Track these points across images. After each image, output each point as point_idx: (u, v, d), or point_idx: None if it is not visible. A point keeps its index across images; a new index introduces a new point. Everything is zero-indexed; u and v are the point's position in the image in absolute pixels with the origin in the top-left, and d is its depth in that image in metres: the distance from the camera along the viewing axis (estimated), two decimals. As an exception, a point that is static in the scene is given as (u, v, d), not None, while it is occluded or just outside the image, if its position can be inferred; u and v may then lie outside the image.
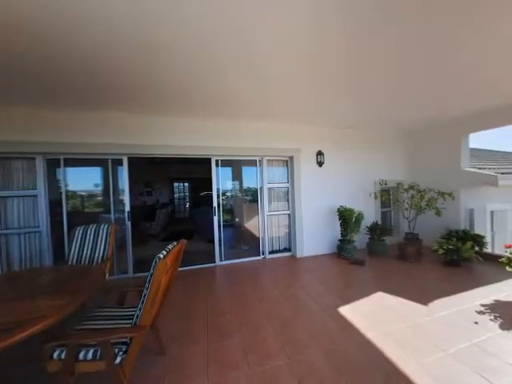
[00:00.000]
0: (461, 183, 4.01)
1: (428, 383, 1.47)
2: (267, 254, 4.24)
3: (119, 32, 1.62)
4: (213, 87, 2.56)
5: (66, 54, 1.85)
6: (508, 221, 4.95)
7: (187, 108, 3.18)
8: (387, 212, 5.07)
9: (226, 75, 2.31)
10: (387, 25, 1.64)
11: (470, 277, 3.13)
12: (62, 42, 1.70)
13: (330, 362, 1.68)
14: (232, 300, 2.68)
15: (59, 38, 1.65)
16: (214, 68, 2.16)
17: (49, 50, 1.79)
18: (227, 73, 2.26)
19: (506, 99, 3.14)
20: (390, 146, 4.92)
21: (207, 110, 3.31)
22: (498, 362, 1.62)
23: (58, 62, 1.95)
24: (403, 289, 2.80)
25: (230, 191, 6.51)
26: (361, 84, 2.60)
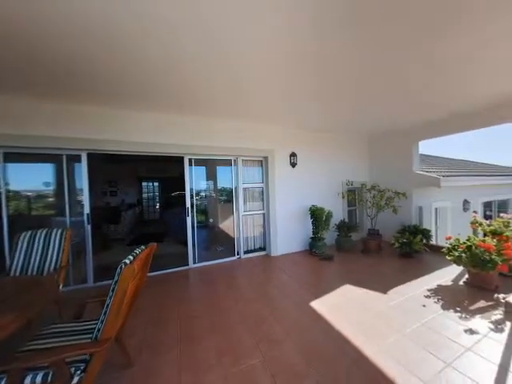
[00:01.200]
0: (412, 184, 4.57)
1: (387, 362, 1.64)
2: (242, 254, 4.24)
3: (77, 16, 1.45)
4: (185, 83, 2.46)
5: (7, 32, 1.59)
6: (448, 216, 5.81)
7: (156, 103, 2.99)
8: (353, 210, 5.51)
9: (199, 73, 2.24)
10: (354, 42, 1.79)
11: (420, 266, 3.58)
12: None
13: (302, 355, 1.75)
14: (206, 303, 2.61)
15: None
16: (187, 63, 2.08)
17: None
18: (200, 71, 2.20)
19: (448, 113, 3.69)
20: (356, 149, 5.36)
21: (179, 107, 3.17)
22: (440, 337, 1.90)
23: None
24: (366, 280, 3.07)
25: (205, 191, 6.33)
26: (328, 91, 2.78)
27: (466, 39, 1.83)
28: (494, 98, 3.11)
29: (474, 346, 1.78)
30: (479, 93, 2.94)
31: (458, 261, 2.86)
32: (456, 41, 1.85)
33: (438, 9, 1.51)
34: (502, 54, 2.07)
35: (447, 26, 1.68)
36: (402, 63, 2.18)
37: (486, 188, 6.67)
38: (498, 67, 2.30)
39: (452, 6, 1.49)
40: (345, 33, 1.73)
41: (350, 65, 2.19)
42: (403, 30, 1.72)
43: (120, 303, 1.23)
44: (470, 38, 1.81)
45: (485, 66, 2.28)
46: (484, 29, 1.71)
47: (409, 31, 1.73)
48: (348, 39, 1.81)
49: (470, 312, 2.25)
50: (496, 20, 1.63)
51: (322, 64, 2.17)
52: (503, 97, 3.05)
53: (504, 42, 1.88)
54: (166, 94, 2.75)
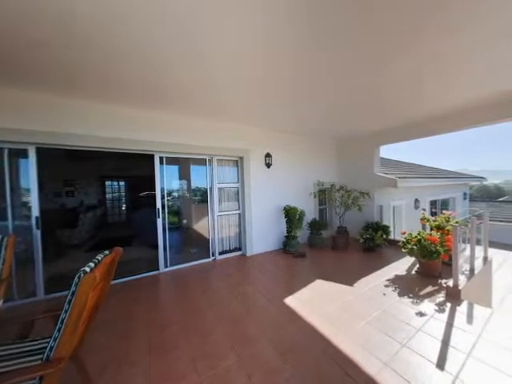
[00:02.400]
0: (374, 185, 5.04)
1: (352, 348, 1.78)
2: (217, 255, 4.17)
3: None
4: (154, 76, 2.32)
5: None
6: (403, 214, 6.55)
7: (122, 94, 2.75)
8: (323, 209, 5.84)
9: (171, 67, 2.14)
10: (320, 50, 1.91)
11: (380, 259, 3.97)
12: None
13: (277, 351, 1.80)
14: (179, 308, 2.50)
15: None
16: (158, 56, 1.96)
17: None
18: (173, 65, 2.10)
19: (405, 121, 4.16)
20: (326, 152, 5.70)
21: (149, 101, 2.97)
22: (397, 321, 2.13)
23: None
24: (335, 274, 3.29)
25: (177, 191, 6.05)
26: (298, 95, 2.91)
27: (417, 56, 2.09)
28: (438, 111, 3.61)
29: (423, 326, 2.04)
30: (427, 106, 3.39)
31: (411, 252, 3.25)
32: (409, 56, 2.10)
33: (392, 30, 1.70)
34: (449, 69, 2.41)
35: (401, 46, 1.90)
36: (364, 77, 2.39)
37: (433, 188, 7.71)
38: (444, 83, 2.68)
39: (407, 27, 1.69)
40: (317, 42, 1.84)
41: (319, 71, 2.32)
42: (370, 49, 1.89)
43: (78, 317, 1.10)
44: (421, 54, 2.08)
45: (433, 82, 2.63)
46: (432, 47, 1.98)
47: (373, 48, 1.90)
48: (320, 49, 1.92)
49: (420, 297, 2.57)
50: (445, 39, 1.89)
51: (295, 67, 2.26)
52: (445, 111, 3.56)
53: (451, 58, 2.20)
54: (132, 86, 2.55)
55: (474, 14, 1.57)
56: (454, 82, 2.66)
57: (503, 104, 3.15)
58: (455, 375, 1.51)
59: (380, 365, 1.62)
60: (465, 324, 2.05)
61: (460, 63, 2.21)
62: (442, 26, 1.69)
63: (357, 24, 1.64)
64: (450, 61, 2.16)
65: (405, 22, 1.63)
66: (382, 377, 1.52)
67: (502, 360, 1.63)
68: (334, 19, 1.59)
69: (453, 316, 2.18)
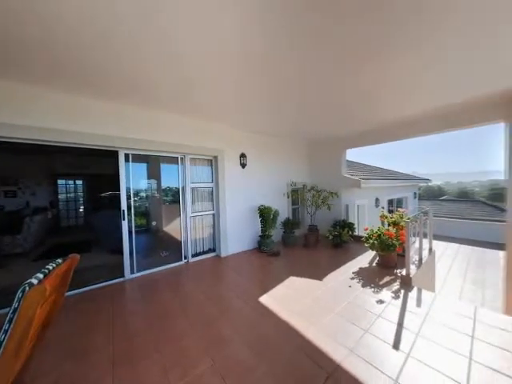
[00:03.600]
0: (341, 185, 5.43)
1: (322, 339, 1.89)
2: (190, 257, 4.02)
3: None
4: (119, 62, 2.13)
5: None
6: (365, 211, 7.20)
7: (79, 82, 2.46)
8: (296, 208, 6.07)
9: (140, 58, 1.99)
10: (293, 63, 1.98)
11: (347, 254, 4.29)
12: None
13: (252, 351, 1.81)
14: (148, 316, 2.34)
15: None
16: (123, 43, 1.81)
17: None
18: (141, 56, 1.96)
19: (368, 128, 4.56)
20: (298, 153, 5.93)
21: (111, 90, 2.71)
22: (361, 310, 2.33)
23: None
24: (307, 271, 3.45)
25: (146, 191, 5.64)
26: (274, 98, 2.99)
27: (375, 72, 2.32)
28: (398, 119, 4.06)
29: (382, 312, 2.27)
30: (387, 114, 3.78)
31: (372, 247, 3.59)
32: (368, 72, 2.32)
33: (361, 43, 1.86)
34: (402, 85, 2.71)
35: (361, 63, 2.09)
36: (332, 87, 2.56)
37: (390, 189, 8.64)
38: (399, 97, 3.01)
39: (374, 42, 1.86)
40: (291, 55, 1.90)
41: (291, 74, 2.41)
42: (336, 63, 2.02)
43: (22, 336, 0.95)
44: (378, 72, 2.31)
45: (389, 95, 2.94)
46: (386, 65, 2.22)
47: (339, 63, 2.05)
48: (294, 49, 1.99)
49: (379, 286, 2.86)
50: (403, 55, 2.13)
51: (270, 72, 2.30)
52: (400, 121, 4.03)
53: (404, 75, 2.48)
54: (91, 74, 2.30)
55: (420, 41, 1.81)
56: (406, 97, 3.02)
57: (446, 117, 3.70)
58: (407, 353, 1.72)
59: (346, 352, 1.75)
60: (415, 307, 2.35)
61: (411, 80, 2.52)
62: (396, 47, 1.90)
63: (327, 43, 1.75)
64: (403, 77, 2.45)
65: (366, 41, 1.80)
66: (348, 362, 1.65)
67: (443, 336, 1.91)
68: (306, 35, 1.67)
69: (405, 301, 2.47)
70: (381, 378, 1.51)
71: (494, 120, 3.20)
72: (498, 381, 1.46)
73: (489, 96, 2.97)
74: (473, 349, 1.74)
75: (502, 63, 2.20)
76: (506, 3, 1.48)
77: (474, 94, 2.96)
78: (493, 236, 7.85)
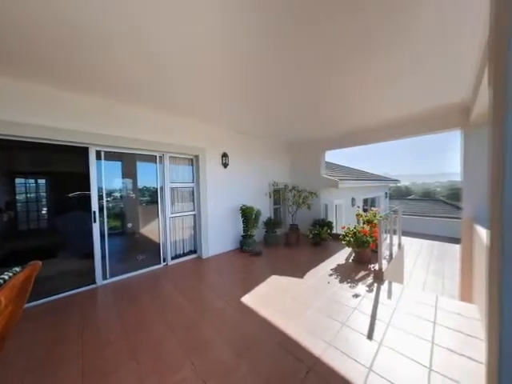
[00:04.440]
0: (320, 185, 5.64)
1: (302, 335, 1.95)
2: (170, 260, 3.87)
3: None
4: (89, 54, 1.98)
5: None
6: (343, 211, 7.57)
7: (43, 71, 2.24)
8: (278, 208, 6.17)
9: (113, 51, 1.86)
10: (276, 63, 2.02)
11: (326, 251, 4.47)
12: None
13: (234, 351, 1.80)
14: (122, 323, 2.20)
15: None
16: (96, 31, 1.68)
17: None
18: (114, 49, 1.84)
19: (345, 131, 4.80)
20: (280, 154, 6.04)
21: (81, 81, 2.50)
22: (338, 305, 2.45)
23: None
24: (288, 269, 3.52)
25: (120, 191, 5.29)
26: (257, 98, 3.01)
27: (347, 79, 2.46)
28: (371, 124, 4.33)
29: (358, 305, 2.42)
30: (362, 119, 4.02)
31: (349, 244, 3.79)
32: (341, 79, 2.45)
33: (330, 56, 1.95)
34: (373, 93, 2.91)
35: (336, 69, 2.20)
36: (310, 92, 2.66)
37: (365, 189, 9.20)
38: (370, 104, 3.22)
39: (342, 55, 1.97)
40: (274, 57, 1.93)
41: (274, 75, 2.45)
42: (314, 70, 2.10)
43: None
44: (349, 79, 2.45)
45: (361, 102, 3.14)
46: (357, 74, 2.36)
47: (314, 70, 2.14)
48: (276, 62, 2.02)
49: (355, 281, 3.03)
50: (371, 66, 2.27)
51: (253, 73, 2.31)
52: (372, 126, 4.31)
53: (374, 84, 2.65)
54: (57, 66, 2.10)
55: (380, 58, 1.97)
56: (378, 105, 3.26)
57: (413, 123, 4.04)
58: (379, 342, 1.85)
59: (325, 345, 1.83)
60: (386, 299, 2.53)
61: (381, 89, 2.72)
62: (365, 57, 2.04)
63: (309, 47, 1.81)
64: (374, 86, 2.63)
65: (339, 49, 1.90)
66: (326, 355, 1.72)
67: (410, 323, 2.08)
68: (289, 38, 1.71)
69: (378, 294, 2.66)
70: (356, 368, 1.60)
71: (452, 127, 3.58)
72: (454, 360, 1.64)
73: (448, 106, 3.32)
74: (434, 333, 1.93)
75: (457, 79, 2.47)
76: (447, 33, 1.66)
77: (436, 104, 3.28)
78: (451, 231, 8.78)
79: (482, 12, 1.46)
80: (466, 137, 3.29)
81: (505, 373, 0.42)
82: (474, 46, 1.90)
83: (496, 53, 0.49)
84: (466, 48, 1.95)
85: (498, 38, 0.46)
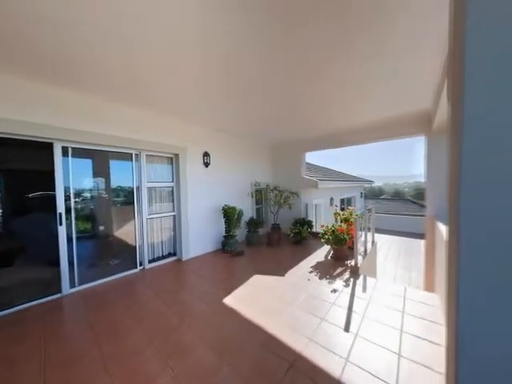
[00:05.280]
0: (301, 185, 5.81)
1: (284, 332, 1.98)
2: (147, 263, 3.68)
3: None
4: (56, 39, 1.81)
5: None
6: (322, 210, 7.88)
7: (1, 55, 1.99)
8: (260, 208, 6.22)
9: (79, 31, 1.72)
10: (257, 65, 2.03)
11: (306, 250, 4.61)
12: None
13: (215, 354, 1.77)
14: (92, 335, 2.04)
15: None
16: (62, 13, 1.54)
17: None
18: (81, 28, 1.70)
19: (324, 133, 4.99)
20: (262, 154, 6.09)
21: (45, 69, 2.27)
22: (318, 301, 2.54)
23: None
24: (270, 268, 3.57)
25: (91, 191, 4.90)
26: (238, 98, 3.00)
27: (327, 83, 2.58)
28: (347, 127, 4.57)
29: (336, 300, 2.53)
30: (339, 122, 4.22)
31: (327, 242, 3.96)
32: (321, 83, 2.55)
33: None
34: (352, 97, 3.07)
35: (316, 75, 2.29)
36: (291, 93, 2.73)
37: (342, 189, 9.67)
38: (348, 107, 3.40)
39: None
40: (255, 57, 1.94)
41: (254, 75, 2.47)
42: (292, 72, 2.16)
43: None
44: (328, 84, 2.57)
45: (340, 106, 3.30)
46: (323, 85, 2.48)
47: (292, 72, 2.20)
48: (257, 63, 2.03)
49: (334, 277, 3.17)
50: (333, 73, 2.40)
51: (233, 71, 2.30)
52: (350, 129, 4.55)
53: (354, 88, 2.80)
54: (17, 49, 1.88)
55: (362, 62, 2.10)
56: (353, 109, 3.45)
57: (384, 128, 4.34)
58: (355, 333, 1.96)
59: (306, 341, 1.89)
60: (361, 292, 2.69)
61: (356, 95, 2.88)
62: (344, 63, 2.15)
63: (287, 50, 1.85)
64: (350, 92, 2.78)
65: (317, 55, 1.98)
66: (307, 350, 1.78)
67: (382, 314, 2.24)
68: (268, 38, 1.73)
69: (354, 288, 2.81)
70: (334, 359, 1.68)
71: (417, 133, 3.93)
72: (419, 344, 1.80)
73: (414, 114, 3.64)
74: (403, 322, 2.10)
75: (422, 90, 2.72)
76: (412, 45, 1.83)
77: (404, 112, 3.57)
78: (418, 228, 9.62)
79: (444, 31, 1.63)
80: (429, 142, 3.63)
81: (461, 353, 0.47)
82: (435, 63, 2.11)
83: (453, 70, 0.55)
84: (429, 63, 2.15)
85: (455, 57, 0.52)
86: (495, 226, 0.44)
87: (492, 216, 0.44)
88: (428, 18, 1.61)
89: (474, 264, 0.46)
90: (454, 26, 0.53)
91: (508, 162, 0.43)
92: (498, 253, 0.44)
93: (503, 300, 0.43)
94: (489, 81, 0.44)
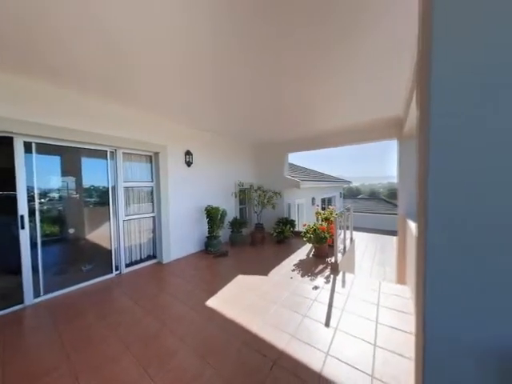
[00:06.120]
0: (284, 186, 5.91)
1: (267, 330, 2.01)
2: (124, 267, 3.48)
3: None
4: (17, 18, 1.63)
5: None
6: (304, 209, 8.09)
7: None
8: (243, 208, 6.20)
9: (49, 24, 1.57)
10: (239, 66, 2.03)
11: (289, 248, 4.71)
12: None
13: (198, 357, 1.73)
14: (60, 347, 1.87)
15: None
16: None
17: None
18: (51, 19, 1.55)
19: (305, 135, 5.12)
20: (246, 154, 6.08)
21: (6, 57, 2.04)
22: (300, 298, 2.60)
23: None
24: (254, 268, 3.58)
25: (59, 191, 4.50)
26: (222, 98, 2.97)
27: (308, 89, 2.66)
28: (327, 130, 4.74)
29: (317, 296, 2.62)
30: (319, 125, 4.37)
31: (309, 240, 4.07)
32: (301, 87, 2.63)
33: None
34: (330, 101, 3.19)
35: (297, 81, 2.35)
36: (273, 95, 2.77)
37: (323, 189, 10.03)
38: (327, 111, 3.54)
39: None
40: (238, 59, 1.93)
41: (237, 76, 2.46)
42: (275, 79, 2.19)
43: None
44: (310, 89, 2.65)
45: (320, 109, 3.42)
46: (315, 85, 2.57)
47: (275, 78, 2.24)
48: (241, 65, 2.02)
49: (315, 274, 3.27)
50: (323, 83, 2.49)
51: (216, 69, 2.27)
52: (330, 131, 4.74)
53: (330, 95, 2.92)
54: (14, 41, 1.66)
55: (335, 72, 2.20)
56: (332, 113, 3.60)
57: (360, 132, 4.59)
58: (336, 327, 2.05)
59: (288, 338, 1.92)
60: (341, 288, 2.82)
61: (335, 100, 3.01)
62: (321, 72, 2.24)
63: (270, 52, 1.88)
64: (329, 97, 2.90)
65: (299, 61, 2.03)
66: (290, 347, 1.81)
67: (359, 307, 2.36)
68: (253, 40, 1.74)
69: (334, 284, 2.93)
70: (316, 354, 1.74)
71: (390, 137, 4.22)
72: (393, 334, 1.94)
73: (387, 119, 3.90)
74: (378, 314, 2.24)
75: (395, 97, 2.93)
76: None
77: (378, 117, 3.81)
78: (392, 225, 10.32)
79: (414, 45, 1.77)
80: (400, 146, 3.91)
81: (428, 339, 0.52)
82: (406, 73, 2.28)
83: (421, 80, 0.60)
84: (401, 73, 2.32)
85: (422, 68, 0.56)
86: (458, 223, 0.49)
87: (455, 214, 0.49)
88: (399, 34, 1.74)
89: (439, 258, 0.51)
90: (422, 41, 0.57)
91: (468, 164, 0.48)
92: (459, 247, 0.49)
93: (464, 290, 0.48)
94: (453, 91, 0.48)
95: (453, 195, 0.49)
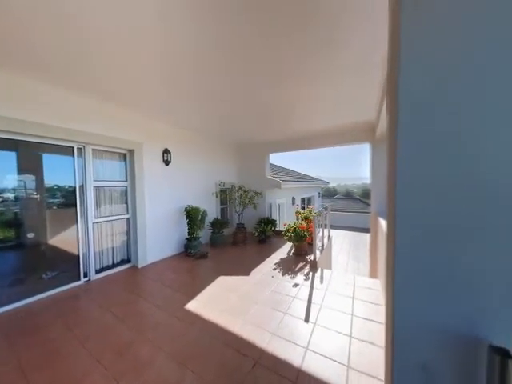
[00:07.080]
0: (265, 186, 5.97)
1: (248, 330, 2.01)
2: (93, 273, 3.21)
3: None
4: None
5: None
6: (284, 209, 8.26)
7: None
8: (225, 208, 6.13)
9: None
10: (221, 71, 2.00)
11: (271, 247, 4.77)
12: None
13: (177, 363, 1.67)
14: (14, 368, 1.67)
15: None
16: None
17: None
18: None
19: (286, 137, 5.23)
20: (227, 153, 6.02)
21: None
22: (281, 296, 2.65)
23: None
24: (235, 268, 3.56)
25: (14, 191, 4.00)
26: (203, 96, 2.90)
27: (288, 94, 2.73)
28: (306, 132, 4.90)
29: (297, 294, 2.69)
30: (298, 127, 4.50)
31: (290, 239, 4.17)
32: (282, 91, 2.69)
33: (280, 60, 2.11)
34: (308, 106, 3.30)
35: (278, 84, 2.40)
36: (256, 96, 2.79)
37: (303, 189, 10.35)
38: (308, 115, 3.66)
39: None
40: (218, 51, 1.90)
41: (216, 75, 2.43)
42: (258, 78, 2.21)
43: None
44: (288, 94, 2.73)
45: (299, 113, 3.53)
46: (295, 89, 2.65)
47: (258, 80, 2.26)
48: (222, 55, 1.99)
49: (295, 272, 3.36)
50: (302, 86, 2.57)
51: (197, 68, 2.21)
52: (310, 134, 4.90)
53: (308, 100, 3.02)
54: None
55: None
56: (308, 118, 3.74)
57: (336, 135, 4.83)
58: (314, 322, 2.12)
59: (270, 336, 1.95)
60: (319, 284, 2.93)
61: (313, 105, 3.13)
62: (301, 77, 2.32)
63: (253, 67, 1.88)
64: (308, 102, 3.00)
65: (280, 65, 2.08)
66: (271, 345, 1.84)
67: (336, 302, 2.48)
68: (233, 39, 1.73)
69: (313, 281, 3.04)
70: (296, 350, 1.78)
71: (363, 141, 4.50)
72: (366, 325, 2.07)
73: (361, 124, 4.15)
74: (353, 306, 2.37)
75: (368, 104, 3.13)
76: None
77: (350, 122, 4.04)
78: (365, 223, 11.02)
79: (383, 58, 1.91)
80: (373, 149, 4.20)
81: (397, 328, 0.56)
82: (377, 82, 2.45)
83: (389, 91, 0.65)
84: (371, 83, 2.49)
85: (391, 80, 0.61)
86: (423, 222, 0.54)
87: (421, 214, 0.54)
88: (368, 50, 1.88)
89: (406, 252, 0.56)
90: (391, 56, 0.62)
91: (433, 169, 0.53)
92: (423, 243, 0.54)
93: (427, 282, 0.54)
94: (419, 99, 0.53)
95: (418, 197, 0.54)
